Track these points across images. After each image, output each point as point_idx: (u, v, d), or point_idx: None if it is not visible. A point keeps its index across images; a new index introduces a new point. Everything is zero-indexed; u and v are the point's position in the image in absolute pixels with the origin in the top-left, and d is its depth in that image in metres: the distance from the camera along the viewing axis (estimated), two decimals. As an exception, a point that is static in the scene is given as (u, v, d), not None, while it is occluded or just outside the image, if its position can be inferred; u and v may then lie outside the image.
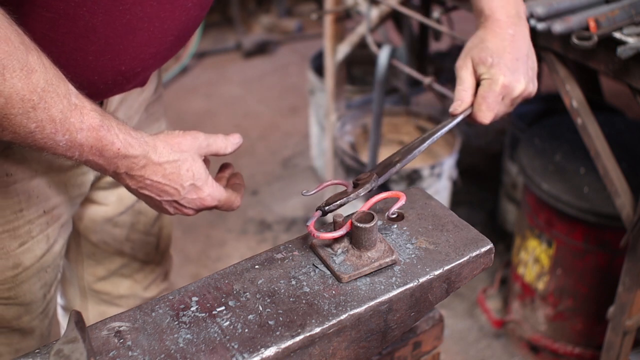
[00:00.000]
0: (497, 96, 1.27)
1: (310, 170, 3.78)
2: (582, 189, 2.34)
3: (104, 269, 1.56)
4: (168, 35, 1.17)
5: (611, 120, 2.62)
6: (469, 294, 2.98)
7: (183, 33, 1.22)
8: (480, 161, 3.79)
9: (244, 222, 3.43)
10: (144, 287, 1.62)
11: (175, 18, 1.15)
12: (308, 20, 5.23)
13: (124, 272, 1.58)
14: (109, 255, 1.55)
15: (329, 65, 2.95)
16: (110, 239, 1.52)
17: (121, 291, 1.60)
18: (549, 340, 2.60)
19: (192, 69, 4.84)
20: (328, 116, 3.10)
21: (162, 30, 1.15)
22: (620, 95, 3.51)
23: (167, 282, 1.70)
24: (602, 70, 1.83)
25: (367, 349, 1.09)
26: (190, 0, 1.16)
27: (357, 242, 1.09)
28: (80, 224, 1.48)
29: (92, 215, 1.48)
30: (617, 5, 1.77)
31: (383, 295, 1.05)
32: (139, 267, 1.60)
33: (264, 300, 1.05)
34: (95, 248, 1.53)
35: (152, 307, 1.06)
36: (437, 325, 1.36)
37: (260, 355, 0.97)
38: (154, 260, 1.63)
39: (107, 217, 1.49)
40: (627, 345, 2.10)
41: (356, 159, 2.94)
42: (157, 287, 1.66)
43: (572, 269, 2.43)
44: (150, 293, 1.64)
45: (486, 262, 1.17)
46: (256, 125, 4.24)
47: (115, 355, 0.98)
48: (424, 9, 3.09)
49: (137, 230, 1.55)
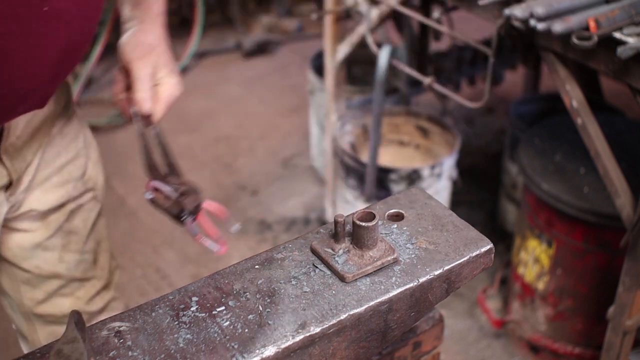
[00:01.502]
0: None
1: (310, 170, 3.78)
2: (582, 189, 2.34)
3: (42, 292, 1.51)
4: (50, 52, 1.11)
5: (611, 120, 2.62)
6: (469, 294, 2.98)
7: (71, 48, 1.16)
8: (480, 161, 3.79)
9: (244, 222, 3.43)
10: (86, 302, 1.57)
11: (55, 34, 1.09)
12: (308, 20, 5.23)
13: (64, 292, 1.53)
14: (45, 278, 1.49)
15: (329, 65, 2.95)
16: (43, 263, 1.47)
17: (64, 311, 1.54)
18: (549, 340, 2.60)
19: (192, 69, 4.84)
20: (328, 116, 3.10)
21: (41, 48, 1.08)
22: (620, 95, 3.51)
23: (112, 292, 1.64)
24: (602, 70, 1.83)
25: (367, 349, 1.09)
26: (69, 13, 1.09)
27: (359, 241, 1.09)
28: (9, 252, 1.43)
29: (19, 242, 1.43)
30: (617, 5, 1.77)
31: (383, 295, 1.05)
32: (78, 285, 1.55)
33: (264, 300, 1.05)
34: (29, 274, 1.47)
35: (152, 307, 1.06)
36: (437, 325, 1.36)
37: (260, 355, 0.97)
38: (94, 275, 1.57)
39: (36, 242, 1.44)
40: (627, 345, 2.10)
41: (356, 159, 2.94)
42: (101, 299, 1.61)
43: (572, 269, 2.43)
44: (96, 306, 1.58)
45: (486, 262, 1.17)
46: (256, 125, 4.24)
47: (115, 355, 0.98)
48: (424, 9, 3.09)
49: (70, 251, 1.50)
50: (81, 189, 1.48)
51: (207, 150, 4.01)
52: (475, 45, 2.28)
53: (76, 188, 1.47)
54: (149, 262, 3.18)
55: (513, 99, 3.81)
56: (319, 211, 3.48)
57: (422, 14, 3.00)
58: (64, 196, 1.44)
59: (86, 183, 1.49)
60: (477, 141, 3.94)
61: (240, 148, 4.03)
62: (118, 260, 1.68)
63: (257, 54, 5.00)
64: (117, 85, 1.39)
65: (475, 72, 3.33)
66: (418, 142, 3.27)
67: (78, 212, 1.49)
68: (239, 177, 3.78)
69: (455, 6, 2.48)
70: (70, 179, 1.45)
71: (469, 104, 2.36)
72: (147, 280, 3.10)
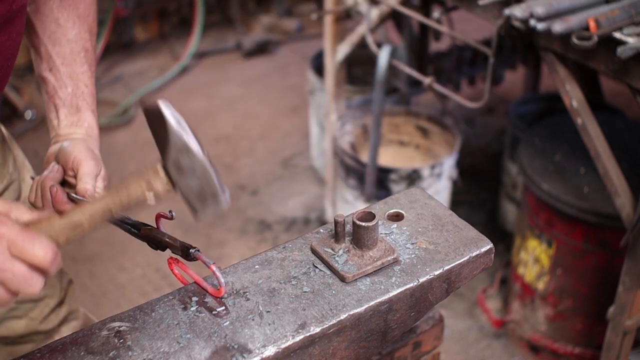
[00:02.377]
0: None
1: (310, 170, 3.78)
2: (582, 189, 2.34)
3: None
4: None
5: (611, 120, 2.62)
6: (469, 294, 2.98)
7: None
8: (480, 161, 3.79)
9: (244, 222, 3.43)
10: (40, 321, 1.52)
11: None
12: (308, 20, 5.23)
13: (16, 314, 1.48)
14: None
15: (329, 65, 2.95)
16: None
17: (18, 332, 1.49)
18: (549, 340, 2.60)
19: (192, 69, 4.84)
20: (328, 116, 3.10)
21: None
22: (620, 95, 3.51)
23: (68, 306, 1.59)
24: (602, 70, 1.83)
25: (367, 349, 1.09)
26: None
27: (359, 241, 1.09)
28: None
29: None
30: (617, 5, 1.77)
31: (383, 295, 1.05)
32: (31, 306, 1.50)
33: (264, 300, 1.05)
34: None
35: (152, 307, 1.06)
36: (437, 325, 1.36)
37: (260, 355, 0.97)
38: (46, 294, 1.52)
39: None
40: (627, 345, 2.10)
41: (356, 159, 2.94)
42: (56, 316, 1.56)
43: (572, 269, 2.43)
44: (51, 324, 1.54)
45: (486, 262, 1.17)
46: (256, 125, 4.24)
47: (115, 355, 0.98)
48: (424, 9, 3.09)
49: None
50: None
51: (207, 150, 4.00)
52: (475, 45, 2.28)
53: None
54: (149, 262, 3.18)
55: (513, 99, 3.81)
56: (319, 211, 3.48)
57: (422, 14, 3.00)
58: None
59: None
60: (477, 141, 3.94)
61: (240, 148, 4.03)
62: (70, 274, 1.62)
63: (257, 54, 5.00)
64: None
65: (475, 72, 3.33)
66: (418, 142, 3.27)
67: None
68: (239, 177, 3.78)
69: (455, 6, 2.48)
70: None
71: (469, 104, 2.36)
72: (147, 280, 3.10)
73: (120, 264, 3.20)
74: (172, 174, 0.97)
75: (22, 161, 1.50)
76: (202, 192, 0.97)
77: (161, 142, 0.97)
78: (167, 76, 4.64)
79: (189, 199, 0.98)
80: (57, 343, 1.01)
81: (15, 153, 1.48)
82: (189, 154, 0.96)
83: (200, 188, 0.97)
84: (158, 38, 5.13)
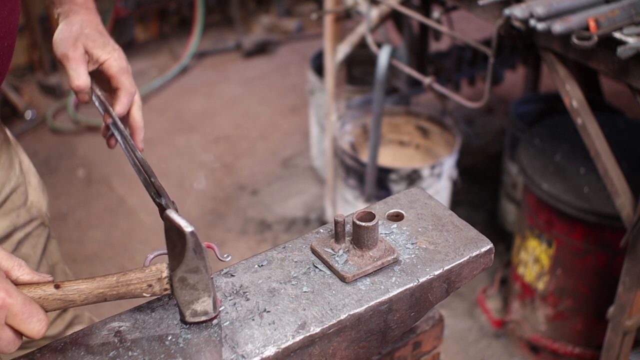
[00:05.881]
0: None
1: (310, 170, 3.78)
2: (582, 189, 2.34)
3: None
4: None
5: (611, 120, 2.62)
6: (469, 294, 2.98)
7: None
8: (480, 161, 3.79)
9: (244, 222, 3.43)
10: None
11: None
12: (308, 20, 5.23)
13: None
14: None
15: (329, 65, 2.95)
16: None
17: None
18: (549, 340, 2.60)
19: (192, 69, 4.84)
20: (328, 116, 3.10)
21: None
22: (620, 95, 3.51)
23: (72, 310, 1.59)
24: (602, 70, 1.83)
25: (367, 349, 1.09)
26: None
27: (359, 241, 1.09)
28: None
29: None
30: (617, 5, 1.77)
31: (383, 295, 1.05)
32: None
33: (264, 300, 1.05)
34: None
35: (152, 307, 1.06)
36: (437, 325, 1.36)
37: (260, 355, 0.97)
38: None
39: None
40: (627, 345, 2.10)
41: (356, 159, 2.94)
42: (62, 321, 1.56)
43: (572, 269, 2.43)
44: (57, 329, 1.54)
45: (486, 262, 1.17)
46: (256, 125, 4.24)
47: (115, 355, 0.98)
48: (424, 9, 3.10)
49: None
50: (26, 217, 1.45)
51: (207, 150, 4.01)
52: (475, 45, 2.28)
53: (20, 217, 1.43)
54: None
55: (513, 99, 3.82)
56: (319, 211, 3.48)
57: (422, 14, 3.00)
58: (10, 226, 1.41)
59: (30, 210, 1.46)
60: (477, 141, 3.94)
61: (240, 148, 4.03)
62: (79, 274, 1.64)
63: (257, 54, 5.00)
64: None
65: (475, 72, 3.33)
66: (418, 142, 3.27)
67: (26, 241, 1.46)
68: (239, 177, 3.78)
69: (455, 6, 2.48)
70: (13, 208, 1.41)
71: (469, 104, 2.36)
72: (147, 280, 3.10)
73: (120, 264, 3.19)
74: (175, 284, 1.00)
75: (28, 165, 1.50)
76: (195, 308, 1.01)
77: (173, 253, 0.99)
78: (167, 76, 4.65)
79: (182, 307, 1.02)
80: (57, 343, 1.01)
81: (21, 157, 1.48)
82: (198, 274, 0.99)
83: (196, 304, 1.01)
84: (158, 38, 5.14)
